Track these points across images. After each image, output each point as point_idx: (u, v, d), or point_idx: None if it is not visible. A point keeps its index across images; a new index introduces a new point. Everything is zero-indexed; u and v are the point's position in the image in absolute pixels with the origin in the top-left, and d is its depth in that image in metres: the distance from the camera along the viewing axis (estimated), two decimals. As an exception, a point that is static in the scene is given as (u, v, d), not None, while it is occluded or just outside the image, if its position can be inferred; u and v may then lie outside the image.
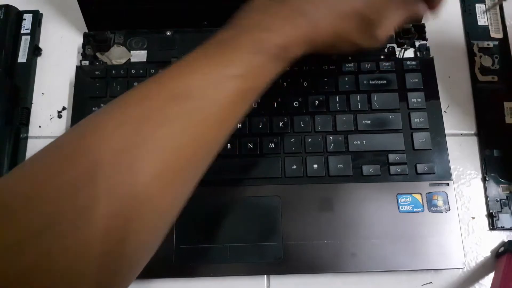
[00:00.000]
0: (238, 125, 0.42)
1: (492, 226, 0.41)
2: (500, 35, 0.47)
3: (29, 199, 0.21)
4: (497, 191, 0.42)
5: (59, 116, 0.44)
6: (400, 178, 0.40)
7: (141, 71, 0.44)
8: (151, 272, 0.38)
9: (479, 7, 0.49)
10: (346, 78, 0.43)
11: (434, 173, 0.40)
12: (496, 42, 0.47)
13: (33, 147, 0.44)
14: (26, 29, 0.47)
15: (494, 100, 0.45)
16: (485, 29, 0.48)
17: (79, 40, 0.46)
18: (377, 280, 0.39)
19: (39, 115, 0.45)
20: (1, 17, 0.46)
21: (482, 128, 0.44)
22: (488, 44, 0.47)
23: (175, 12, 0.45)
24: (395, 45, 0.46)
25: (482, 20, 0.48)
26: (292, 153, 0.41)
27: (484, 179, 0.42)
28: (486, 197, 0.42)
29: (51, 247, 0.20)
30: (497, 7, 0.48)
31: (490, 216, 0.41)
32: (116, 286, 0.24)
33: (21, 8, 0.48)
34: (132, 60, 0.45)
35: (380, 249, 0.38)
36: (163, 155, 0.24)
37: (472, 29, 0.48)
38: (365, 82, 0.43)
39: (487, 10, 0.45)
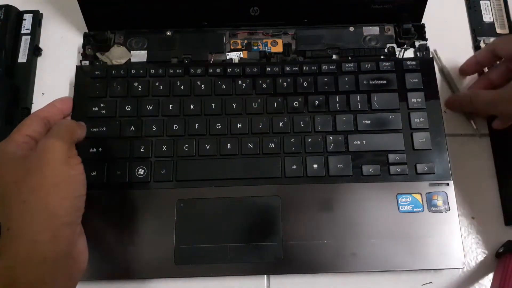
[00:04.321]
0: (239, 125, 0.42)
1: (507, 222, 0.41)
2: (506, 31, 0.47)
3: None
4: (510, 186, 0.42)
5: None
6: (400, 178, 0.40)
7: (141, 71, 0.44)
8: (151, 272, 0.38)
9: (484, 4, 0.49)
10: (346, 78, 0.43)
11: (434, 173, 0.40)
12: None
13: (33, 147, 0.44)
14: (26, 29, 0.47)
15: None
16: (491, 25, 0.48)
17: (79, 40, 0.46)
18: (377, 280, 0.39)
19: (39, 115, 0.45)
20: (1, 17, 0.46)
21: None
22: None
23: (175, 12, 0.45)
24: (395, 45, 0.46)
25: (487, 17, 0.48)
26: (292, 153, 0.41)
27: (497, 175, 0.42)
28: (500, 193, 0.42)
29: None
30: (502, 2, 0.48)
31: (505, 212, 0.41)
32: None
33: (21, 8, 0.48)
34: (132, 60, 0.45)
35: (380, 249, 0.38)
36: None
37: (477, 25, 0.48)
38: (365, 82, 0.43)
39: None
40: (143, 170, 0.40)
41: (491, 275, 0.39)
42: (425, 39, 0.46)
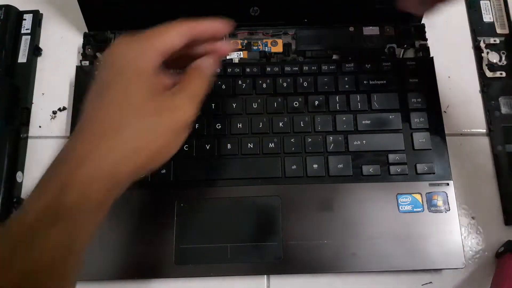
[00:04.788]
0: (239, 125, 0.42)
1: (508, 222, 0.41)
2: (506, 31, 0.47)
3: None
4: (511, 186, 0.42)
5: (53, 117, 0.44)
6: (400, 178, 0.40)
7: (141, 71, 0.43)
8: (151, 272, 0.38)
9: (484, 4, 0.49)
10: (346, 78, 0.43)
11: (434, 173, 0.40)
12: (502, 38, 0.47)
13: (33, 147, 0.44)
14: (26, 29, 0.47)
15: (504, 96, 0.45)
16: (491, 25, 0.48)
17: (79, 40, 0.46)
18: (377, 280, 0.39)
19: (39, 115, 0.45)
20: (1, 17, 0.46)
21: (494, 124, 0.44)
22: (494, 40, 0.47)
23: (175, 12, 0.45)
24: (395, 45, 0.46)
25: (487, 17, 0.48)
26: (292, 153, 0.41)
27: (497, 175, 0.42)
28: (500, 193, 0.42)
29: None
30: (502, 2, 0.48)
31: (506, 211, 0.41)
32: None
33: (21, 8, 0.48)
34: (132, 60, 0.45)
35: (380, 249, 0.38)
36: None
37: (477, 25, 0.48)
38: (365, 82, 0.43)
39: None
40: (143, 170, 0.40)
41: (491, 275, 0.39)
42: (425, 39, 0.46)
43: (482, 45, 0.47)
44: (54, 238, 0.23)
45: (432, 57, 0.45)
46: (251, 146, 0.41)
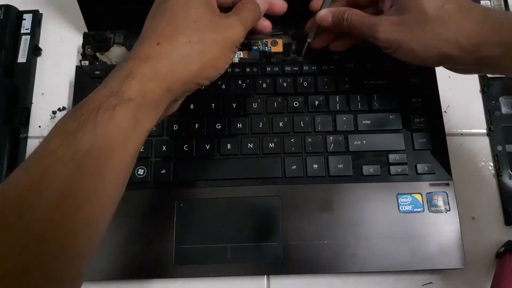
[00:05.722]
0: (239, 125, 0.42)
1: (508, 222, 0.41)
2: None
3: None
4: (511, 186, 0.42)
5: (53, 117, 0.44)
6: (400, 178, 0.40)
7: (141, 71, 0.43)
8: (151, 272, 0.38)
9: (484, 4, 0.48)
10: (346, 78, 0.43)
11: (434, 173, 0.40)
12: None
13: (33, 147, 0.44)
14: (26, 29, 0.47)
15: (504, 96, 0.45)
16: None
17: (79, 40, 0.46)
18: (377, 280, 0.39)
19: (39, 115, 0.45)
20: (1, 17, 0.46)
21: (494, 124, 0.44)
22: None
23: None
24: (395, 45, 0.46)
25: None
26: (292, 153, 0.41)
27: (497, 175, 0.42)
28: (500, 193, 0.42)
29: None
30: (502, 2, 0.48)
31: (506, 212, 0.41)
32: None
33: (21, 8, 0.48)
34: (132, 60, 0.45)
35: (381, 249, 0.38)
36: None
37: None
38: (365, 82, 0.43)
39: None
40: (143, 170, 0.40)
41: (491, 275, 0.39)
42: (425, 39, 0.46)
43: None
44: (116, 119, 0.25)
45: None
46: (251, 146, 0.41)
